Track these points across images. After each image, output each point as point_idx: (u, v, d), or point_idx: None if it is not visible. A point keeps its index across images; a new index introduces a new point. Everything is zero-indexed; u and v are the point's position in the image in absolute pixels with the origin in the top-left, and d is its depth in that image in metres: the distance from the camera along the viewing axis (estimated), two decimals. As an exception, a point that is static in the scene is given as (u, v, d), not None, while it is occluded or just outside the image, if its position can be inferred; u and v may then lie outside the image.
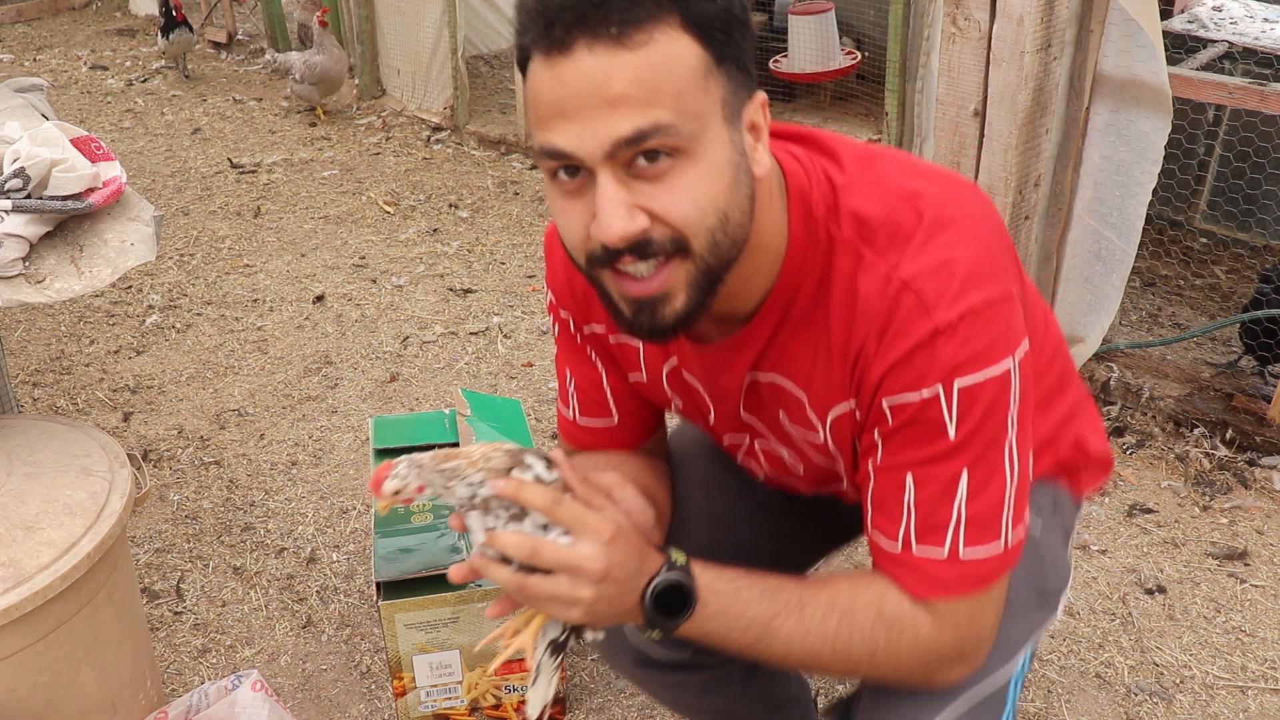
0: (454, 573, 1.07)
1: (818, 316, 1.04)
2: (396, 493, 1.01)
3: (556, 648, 1.10)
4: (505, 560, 1.00)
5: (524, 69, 0.94)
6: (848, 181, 1.04)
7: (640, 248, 0.92)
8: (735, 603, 1.04)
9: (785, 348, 1.07)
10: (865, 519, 1.07)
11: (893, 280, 0.98)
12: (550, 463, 1.04)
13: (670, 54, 0.87)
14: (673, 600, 1.02)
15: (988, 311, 0.97)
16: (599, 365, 1.27)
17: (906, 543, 1.02)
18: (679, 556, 1.04)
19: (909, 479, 1.00)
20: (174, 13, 5.86)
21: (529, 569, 0.99)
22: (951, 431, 0.98)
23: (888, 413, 1.00)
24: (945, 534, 1.00)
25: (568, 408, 1.33)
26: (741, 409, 1.17)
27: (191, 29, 6.06)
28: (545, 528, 1.00)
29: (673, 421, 1.42)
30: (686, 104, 0.89)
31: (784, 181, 1.04)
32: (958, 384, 0.96)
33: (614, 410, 1.29)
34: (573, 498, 1.02)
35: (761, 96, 0.97)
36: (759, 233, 0.99)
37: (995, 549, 1.01)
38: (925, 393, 0.97)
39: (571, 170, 0.92)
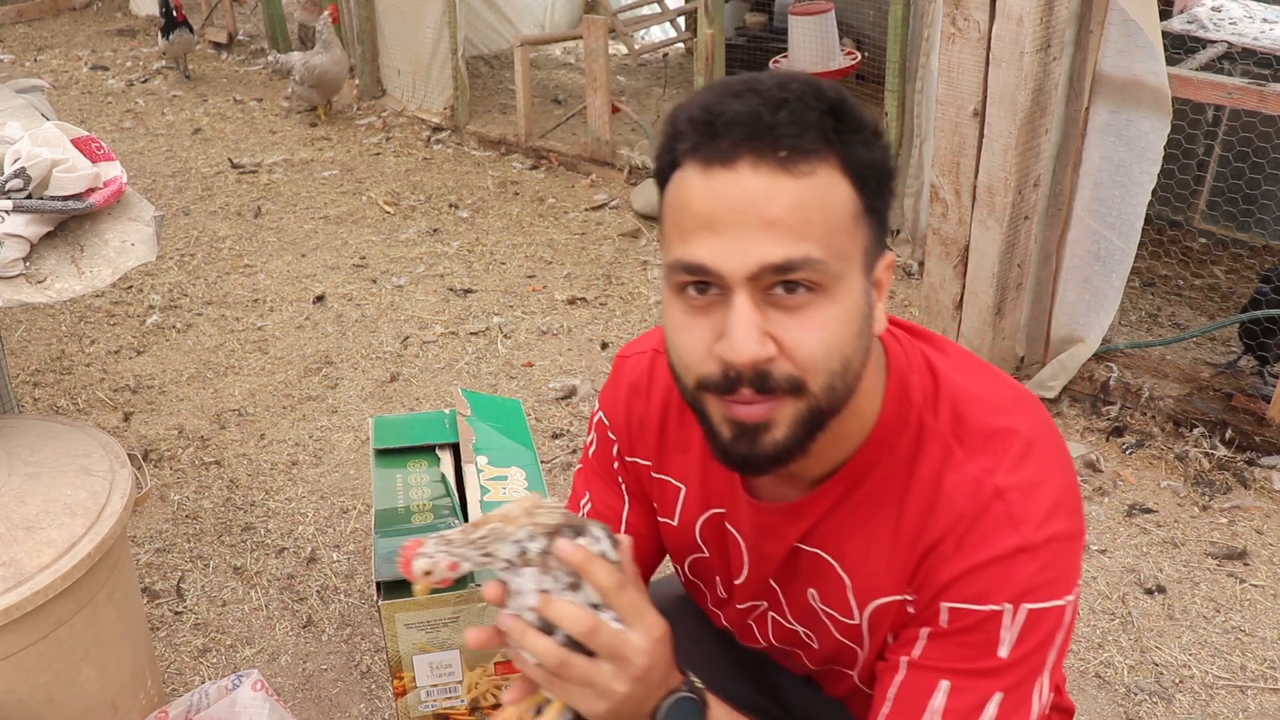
0: (474, 637, 1.00)
1: (888, 500, 1.01)
2: (428, 573, 0.95)
3: None
4: (546, 631, 0.95)
5: (666, 176, 0.92)
6: (949, 376, 1.03)
7: (761, 380, 0.89)
8: None
9: (842, 526, 1.04)
10: (875, 712, 1.02)
11: (985, 485, 0.96)
12: (616, 541, 0.99)
13: (829, 191, 0.87)
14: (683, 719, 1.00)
15: (1068, 544, 0.96)
16: (625, 499, 1.25)
17: None
18: (696, 680, 1.02)
19: (943, 684, 0.97)
20: (174, 13, 5.87)
21: (574, 646, 0.94)
22: (1004, 651, 0.95)
23: (944, 615, 0.97)
24: None
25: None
26: (772, 578, 1.12)
27: (192, 29, 6.07)
28: (596, 607, 0.94)
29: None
30: (835, 243, 0.88)
31: (884, 357, 1.03)
32: (1025, 607, 0.94)
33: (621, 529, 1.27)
34: (634, 586, 0.99)
35: (890, 256, 0.96)
36: (856, 397, 0.96)
37: None
38: (992, 607, 0.95)
39: (702, 287, 0.90)
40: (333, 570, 2.38)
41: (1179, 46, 3.01)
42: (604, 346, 3.31)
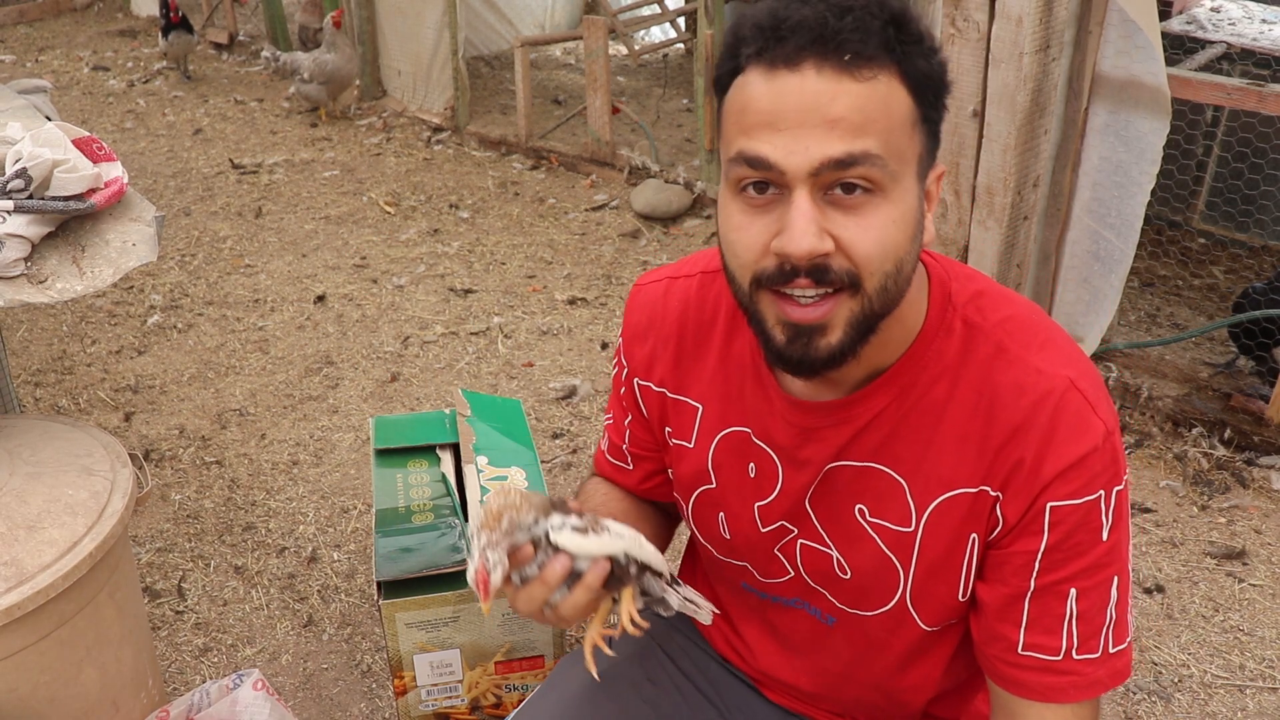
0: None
1: (942, 399, 1.03)
2: (501, 580, 1.01)
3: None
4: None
5: (727, 83, 0.94)
6: (987, 281, 1.08)
7: (819, 272, 0.91)
8: None
9: (894, 432, 1.05)
10: (1013, 640, 1.05)
11: (1057, 376, 0.99)
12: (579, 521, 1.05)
13: (890, 95, 0.90)
14: None
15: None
16: (628, 414, 1.29)
17: (1068, 652, 1.03)
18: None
19: (1072, 592, 1.01)
20: (171, 14, 5.88)
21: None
22: (1105, 534, 1.00)
23: (1049, 517, 0.99)
24: (1100, 638, 1.03)
25: (604, 441, 1.36)
26: (808, 500, 1.12)
27: (191, 30, 6.07)
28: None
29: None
30: (895, 144, 0.90)
31: (924, 268, 1.06)
32: (1115, 489, 1.00)
33: (629, 459, 1.32)
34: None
35: (941, 169, 1.00)
36: (893, 316, 0.99)
37: (1127, 640, 1.06)
38: (1090, 497, 0.98)
39: (762, 186, 0.92)
40: (333, 570, 2.38)
41: (1178, 47, 3.02)
42: (604, 346, 3.31)
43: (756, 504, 1.16)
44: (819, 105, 0.88)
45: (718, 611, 1.18)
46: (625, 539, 1.03)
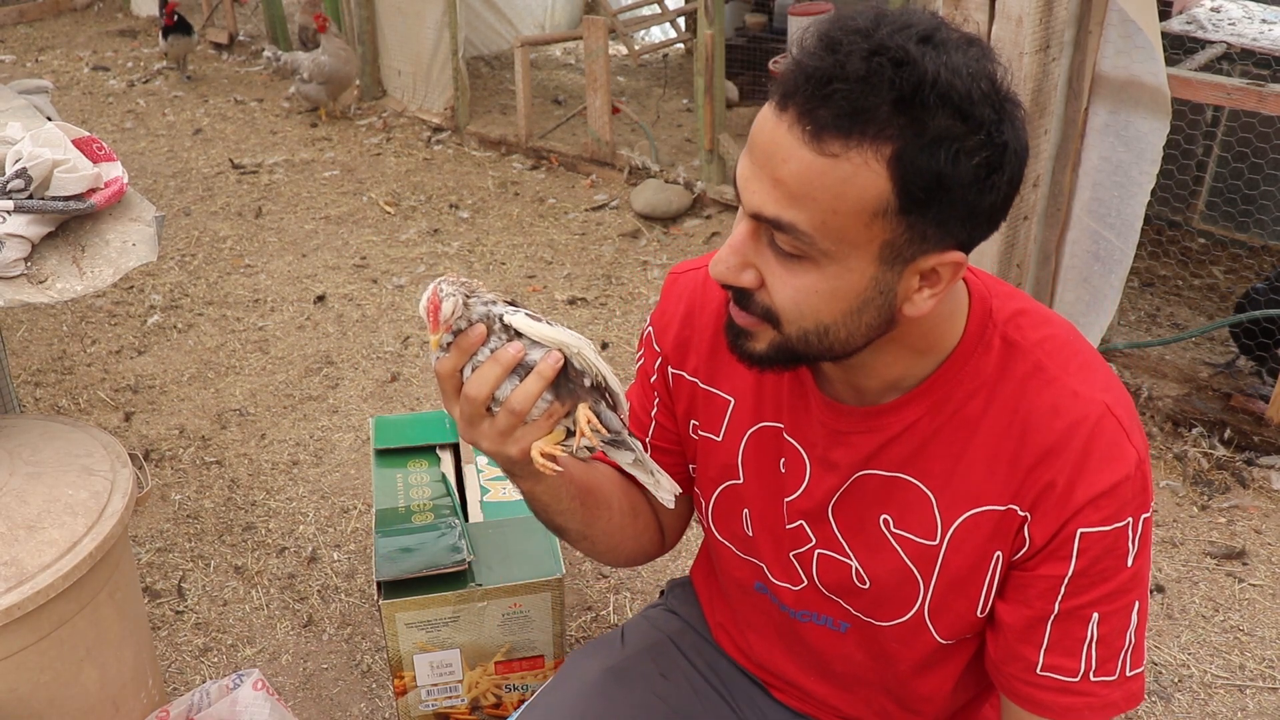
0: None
1: (972, 416, 1.03)
2: (451, 312, 0.97)
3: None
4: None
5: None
6: (1029, 301, 1.07)
7: (740, 297, 0.96)
8: None
9: (925, 444, 1.05)
10: (1032, 661, 1.05)
11: (1094, 401, 0.98)
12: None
13: (850, 179, 0.84)
14: None
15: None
16: (655, 401, 1.27)
17: (1086, 674, 1.04)
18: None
19: (1094, 617, 1.02)
20: (166, 18, 5.90)
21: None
22: (1129, 561, 1.00)
23: (1078, 543, 0.99)
24: (1118, 661, 1.03)
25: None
26: (832, 506, 1.12)
27: (190, 31, 6.07)
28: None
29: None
30: (833, 225, 0.87)
31: (965, 286, 1.05)
32: (1143, 516, 1.00)
33: (649, 431, 1.28)
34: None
35: (958, 256, 0.91)
36: (923, 337, 1.00)
37: (1143, 664, 1.06)
38: (1119, 524, 0.98)
39: None
40: (333, 570, 2.38)
41: (1178, 47, 3.02)
42: (604, 346, 3.31)
43: (785, 499, 1.16)
44: (772, 158, 0.87)
45: (679, 492, 1.15)
46: (580, 338, 1.02)
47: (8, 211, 1.57)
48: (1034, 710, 1.06)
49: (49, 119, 2.01)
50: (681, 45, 6.07)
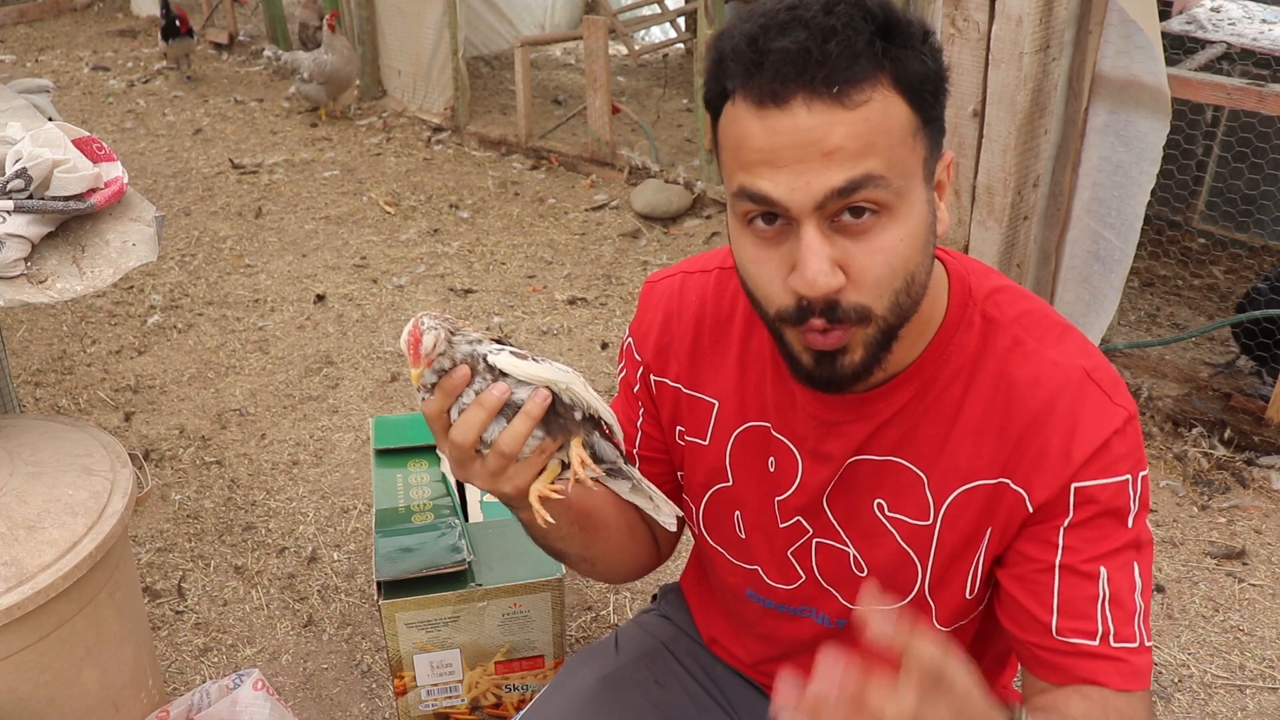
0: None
1: (961, 392, 1.04)
2: (433, 346, 0.95)
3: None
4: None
5: (718, 106, 0.93)
6: (1002, 278, 1.09)
7: (829, 310, 0.92)
8: None
9: (914, 426, 1.06)
10: (1047, 623, 1.02)
11: (1073, 368, 1.01)
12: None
13: (885, 112, 0.87)
14: None
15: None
16: (640, 411, 1.25)
17: (1105, 637, 1.00)
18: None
19: (1103, 572, 1.00)
20: (178, 22, 5.90)
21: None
22: (1130, 520, 1.01)
23: (1074, 498, 1.00)
24: (1134, 626, 1.01)
25: None
26: (826, 496, 1.12)
27: (190, 33, 6.07)
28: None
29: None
30: (897, 160, 0.89)
31: (943, 265, 1.06)
32: (1140, 474, 1.01)
33: (636, 461, 1.26)
34: None
35: (949, 155, 0.99)
36: (915, 318, 1.00)
37: (1151, 639, 1.04)
38: (1118, 479, 0.99)
39: (770, 218, 0.91)
40: (333, 570, 2.38)
41: (1178, 47, 3.02)
42: (604, 346, 3.32)
43: (776, 498, 1.15)
44: (814, 140, 0.86)
45: (680, 514, 1.15)
46: (568, 373, 1.00)
47: (8, 211, 1.57)
48: (1061, 679, 1.01)
49: (50, 119, 2.01)
50: (681, 45, 6.07)
